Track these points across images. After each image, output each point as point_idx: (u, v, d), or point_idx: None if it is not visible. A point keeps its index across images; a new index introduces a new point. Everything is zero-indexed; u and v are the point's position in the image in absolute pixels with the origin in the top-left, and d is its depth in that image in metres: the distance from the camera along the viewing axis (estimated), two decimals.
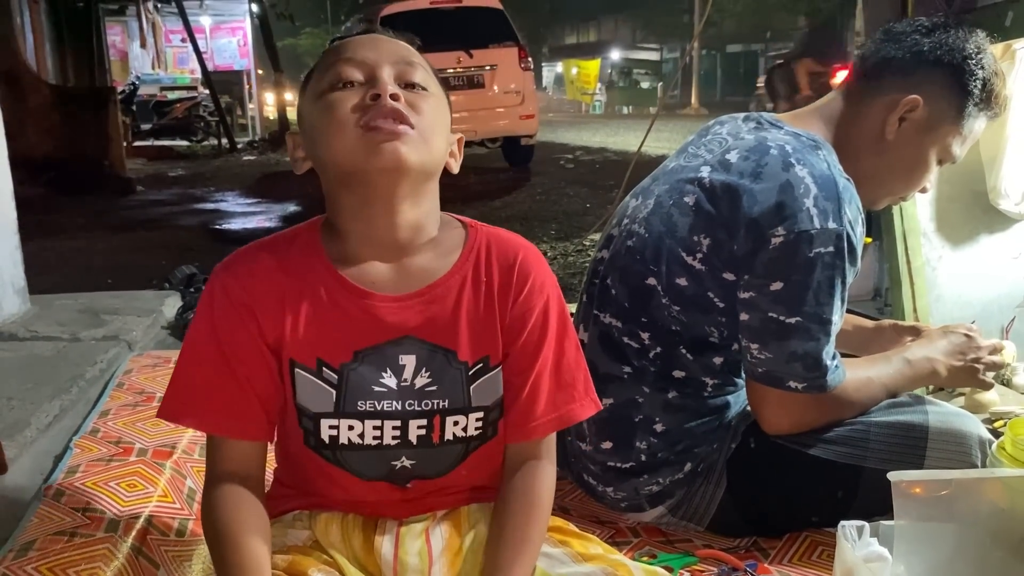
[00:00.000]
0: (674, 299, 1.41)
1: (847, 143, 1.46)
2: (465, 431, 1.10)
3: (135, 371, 2.39)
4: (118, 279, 4.27)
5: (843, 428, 1.43)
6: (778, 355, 1.35)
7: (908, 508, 1.17)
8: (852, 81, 1.51)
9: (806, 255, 1.30)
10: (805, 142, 1.40)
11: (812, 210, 1.30)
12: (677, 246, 1.40)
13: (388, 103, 0.98)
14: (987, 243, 2.22)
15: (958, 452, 1.42)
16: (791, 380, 1.35)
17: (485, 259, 1.09)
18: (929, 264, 2.16)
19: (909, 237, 2.13)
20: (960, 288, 2.20)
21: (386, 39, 1.06)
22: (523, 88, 9.37)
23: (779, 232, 1.31)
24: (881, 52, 1.47)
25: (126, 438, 1.86)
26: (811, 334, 1.33)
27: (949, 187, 2.16)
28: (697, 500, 1.47)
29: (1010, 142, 2.05)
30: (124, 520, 1.46)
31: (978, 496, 1.21)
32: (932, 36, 1.44)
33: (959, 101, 1.43)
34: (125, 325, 2.83)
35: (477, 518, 1.15)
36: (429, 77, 1.05)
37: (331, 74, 1.02)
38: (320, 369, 1.06)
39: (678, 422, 1.44)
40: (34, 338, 2.67)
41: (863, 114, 1.47)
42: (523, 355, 1.10)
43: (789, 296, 1.32)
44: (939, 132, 1.45)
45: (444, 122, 1.06)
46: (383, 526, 1.13)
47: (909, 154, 1.47)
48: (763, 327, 1.35)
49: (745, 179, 1.36)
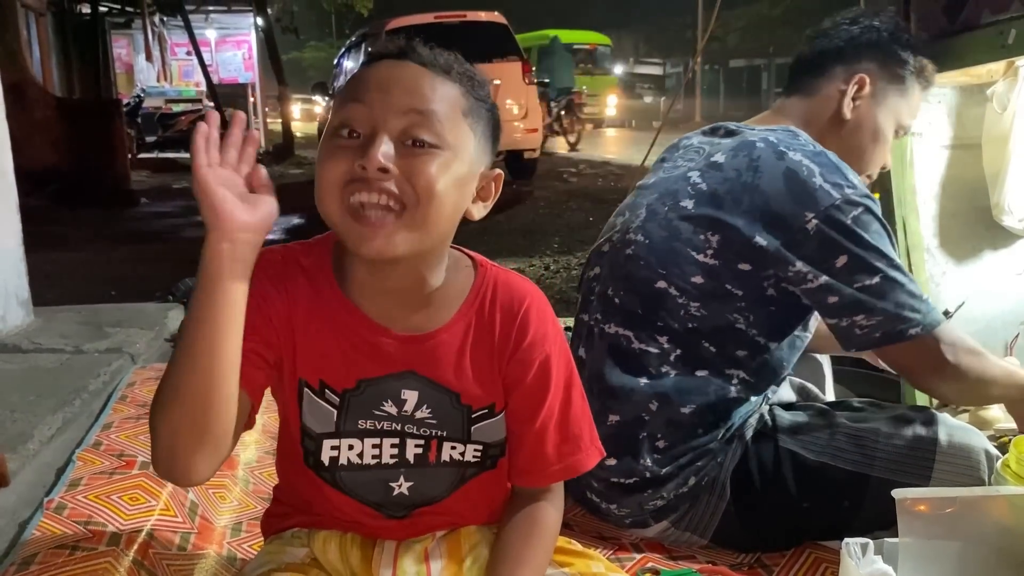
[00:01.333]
0: (691, 297, 1.42)
1: (811, 134, 1.52)
2: (462, 456, 1.10)
3: (138, 384, 2.39)
4: (122, 291, 4.28)
5: (850, 438, 1.44)
6: (885, 312, 1.37)
7: (913, 525, 1.16)
8: (798, 81, 1.62)
9: (845, 224, 1.36)
10: (783, 134, 1.47)
11: (825, 186, 1.37)
12: (685, 247, 1.43)
13: (374, 183, 0.93)
14: (991, 259, 2.22)
15: (966, 467, 1.42)
16: (908, 328, 1.37)
17: (489, 306, 1.07)
18: (933, 280, 2.16)
19: (913, 253, 2.12)
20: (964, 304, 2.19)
21: (409, 73, 0.98)
22: (526, 103, 9.41)
23: (808, 216, 1.36)
24: (818, 47, 1.60)
25: (128, 451, 1.86)
26: (897, 281, 1.37)
27: (953, 203, 2.17)
28: (701, 512, 1.47)
29: (1013, 158, 2.05)
30: (126, 534, 1.45)
31: (983, 514, 1.21)
32: (859, 23, 1.59)
33: (898, 71, 1.57)
34: (128, 338, 2.83)
35: (477, 539, 1.15)
36: (446, 123, 0.96)
37: (342, 112, 0.98)
38: (323, 390, 1.06)
39: (682, 437, 1.44)
40: (37, 350, 2.68)
41: (817, 105, 1.58)
42: (524, 406, 1.09)
43: (858, 263, 1.36)
44: (889, 104, 1.58)
45: (455, 181, 0.97)
46: (381, 545, 1.13)
47: (869, 129, 1.58)
48: (856, 299, 1.37)
49: (744, 175, 1.41)
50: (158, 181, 11.25)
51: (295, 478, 1.12)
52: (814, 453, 1.43)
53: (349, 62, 10.99)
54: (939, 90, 2.12)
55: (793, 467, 1.43)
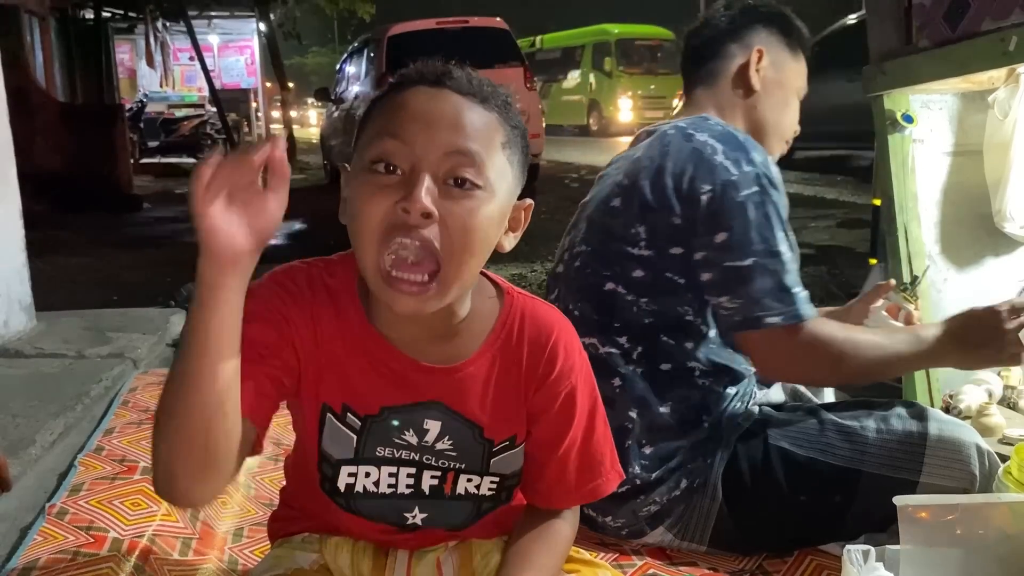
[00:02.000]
0: (639, 291, 1.46)
1: (726, 114, 1.60)
2: (478, 489, 1.09)
3: (140, 389, 2.39)
4: (124, 296, 4.28)
5: (840, 434, 1.44)
6: (747, 298, 1.38)
7: (914, 533, 1.16)
8: (696, 73, 1.67)
9: (735, 200, 1.38)
10: (696, 119, 1.52)
11: (725, 162, 1.41)
12: (621, 244, 1.47)
13: (414, 229, 0.89)
14: (993, 266, 2.21)
15: (957, 461, 1.42)
16: (767, 316, 1.37)
17: (516, 338, 1.05)
18: (935, 287, 2.15)
19: (914, 260, 2.12)
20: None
21: (450, 106, 0.93)
22: (528, 108, 9.28)
23: (704, 189, 1.40)
24: (705, 35, 1.67)
25: (130, 456, 1.86)
26: (768, 269, 1.37)
27: (954, 210, 2.16)
28: (696, 517, 1.47)
29: (1015, 165, 2.05)
30: (127, 539, 1.46)
31: (985, 521, 1.21)
32: (733, 7, 1.66)
33: (785, 39, 1.64)
34: (130, 343, 2.83)
35: (489, 548, 1.15)
36: (488, 161, 0.92)
37: (379, 146, 0.92)
38: (345, 414, 1.04)
39: (665, 439, 1.46)
40: (40, 355, 2.68)
41: (723, 88, 1.63)
42: (547, 436, 1.08)
43: (736, 242, 1.38)
44: (788, 68, 1.64)
45: (493, 222, 0.94)
46: (394, 555, 1.13)
47: (777, 96, 1.63)
48: (724, 278, 1.39)
49: (657, 160, 1.46)
50: (161, 186, 11.26)
51: (308, 493, 1.11)
52: (804, 448, 1.44)
53: (352, 67, 11.01)
54: (940, 96, 2.13)
55: (783, 463, 1.44)
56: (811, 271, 5.08)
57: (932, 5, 1.91)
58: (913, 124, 2.06)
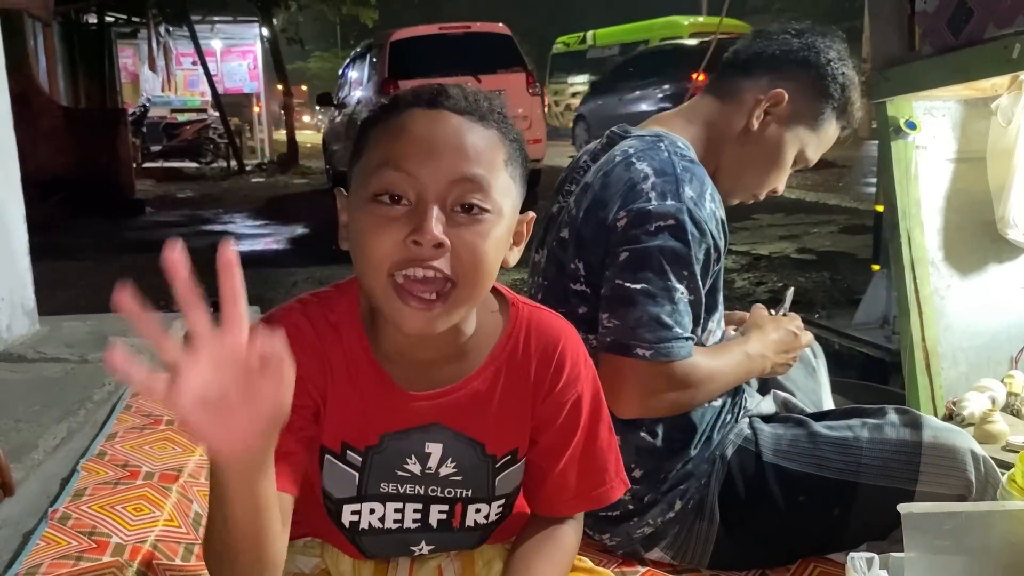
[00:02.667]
0: (585, 328, 1.38)
1: (712, 135, 1.51)
2: (487, 518, 1.08)
3: (142, 394, 2.39)
4: None
5: (834, 447, 1.42)
6: (624, 321, 1.33)
7: (918, 540, 1.16)
8: (723, 76, 1.56)
9: (647, 229, 1.33)
10: (648, 140, 1.45)
11: (650, 193, 1.35)
12: (567, 280, 1.43)
13: (426, 261, 0.88)
14: (996, 273, 2.21)
15: (952, 468, 1.40)
16: (638, 347, 1.32)
17: (523, 349, 1.03)
18: (937, 294, 2.15)
19: (917, 266, 2.12)
20: (969, 318, 2.19)
21: (451, 129, 0.91)
22: (531, 113, 9.42)
23: (621, 215, 1.35)
24: (753, 48, 1.53)
25: (133, 461, 1.86)
26: (656, 300, 1.32)
27: (958, 216, 2.16)
28: (693, 540, 1.45)
29: (1018, 172, 2.05)
30: (130, 544, 1.45)
31: (989, 529, 1.20)
32: (802, 38, 1.51)
33: (819, 102, 1.50)
34: (133, 347, 2.83)
35: (491, 555, 1.15)
36: (494, 183, 0.91)
37: (382, 178, 0.90)
38: (344, 452, 1.02)
39: (654, 461, 1.42)
40: (42, 359, 2.68)
41: (731, 107, 1.52)
42: (553, 444, 1.07)
43: (633, 263, 1.33)
44: (798, 131, 1.51)
45: (501, 243, 0.94)
46: (396, 561, 1.13)
47: (769, 148, 1.51)
48: (612, 295, 1.35)
49: (597, 192, 1.41)
50: (163, 190, 11.30)
51: (310, 507, 1.07)
52: (799, 465, 1.42)
53: (354, 72, 11.03)
54: (944, 103, 2.13)
55: (779, 481, 1.42)
56: (813, 277, 5.08)
57: (935, 12, 1.92)
58: (916, 131, 2.07)
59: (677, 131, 1.50)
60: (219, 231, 7.69)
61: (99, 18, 13.05)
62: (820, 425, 1.47)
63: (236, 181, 12.69)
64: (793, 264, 5.54)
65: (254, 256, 6.35)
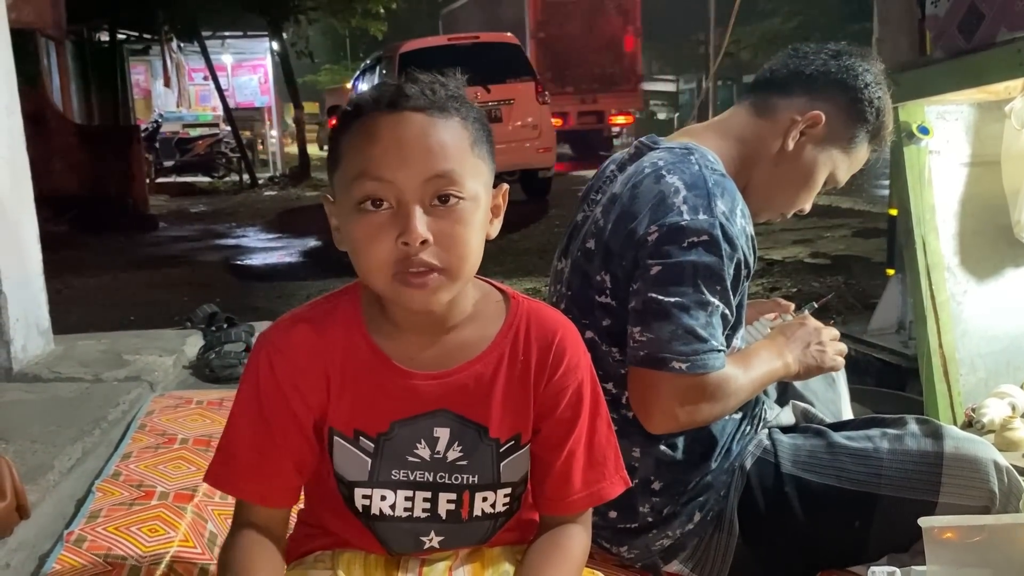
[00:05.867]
0: (609, 341, 1.39)
1: (745, 152, 1.50)
2: (494, 507, 1.11)
3: (157, 412, 2.39)
4: (140, 316, 4.31)
5: (853, 458, 1.41)
6: (658, 335, 1.31)
7: (941, 554, 1.15)
8: (759, 93, 1.54)
9: (680, 244, 1.32)
10: (678, 152, 1.43)
11: (682, 207, 1.33)
12: (592, 292, 1.42)
13: (417, 256, 0.96)
14: (1012, 277, 2.19)
15: (975, 479, 1.38)
16: (674, 360, 1.30)
17: (524, 337, 1.09)
18: (954, 299, 2.13)
19: (933, 272, 2.11)
20: (986, 323, 2.17)
21: (415, 130, 0.97)
22: (540, 122, 9.44)
23: (652, 229, 1.33)
24: (791, 66, 1.52)
25: (148, 481, 1.86)
26: (690, 313, 1.30)
27: (973, 221, 2.15)
28: (712, 552, 1.44)
29: None
30: (145, 566, 1.45)
31: (1012, 542, 1.19)
32: (839, 60, 1.49)
33: (854, 125, 1.49)
34: (147, 365, 2.84)
35: (501, 559, 1.15)
36: (465, 171, 0.98)
37: (361, 188, 0.97)
38: (357, 439, 1.07)
39: (675, 474, 1.41)
40: (57, 379, 2.69)
41: (765, 124, 1.50)
42: (554, 433, 1.10)
43: (666, 277, 1.31)
44: (831, 152, 1.50)
45: (480, 224, 1.01)
46: (405, 564, 1.13)
47: (802, 168, 1.50)
48: (645, 309, 1.33)
49: (626, 203, 1.40)
50: (176, 205, 11.36)
51: (327, 508, 1.13)
52: (819, 476, 1.41)
53: (364, 84, 11.09)
54: (956, 107, 2.12)
55: (799, 493, 1.41)
56: (827, 281, 5.05)
57: (946, 16, 1.90)
58: (929, 136, 2.05)
59: (708, 144, 1.48)
60: (232, 245, 7.74)
61: (111, 35, 13.14)
62: (839, 435, 1.46)
63: (249, 195, 12.76)
64: (807, 269, 5.51)
65: (267, 269, 6.38)
